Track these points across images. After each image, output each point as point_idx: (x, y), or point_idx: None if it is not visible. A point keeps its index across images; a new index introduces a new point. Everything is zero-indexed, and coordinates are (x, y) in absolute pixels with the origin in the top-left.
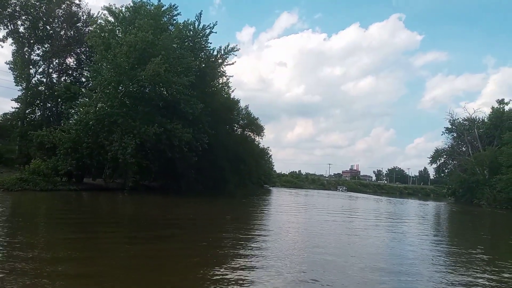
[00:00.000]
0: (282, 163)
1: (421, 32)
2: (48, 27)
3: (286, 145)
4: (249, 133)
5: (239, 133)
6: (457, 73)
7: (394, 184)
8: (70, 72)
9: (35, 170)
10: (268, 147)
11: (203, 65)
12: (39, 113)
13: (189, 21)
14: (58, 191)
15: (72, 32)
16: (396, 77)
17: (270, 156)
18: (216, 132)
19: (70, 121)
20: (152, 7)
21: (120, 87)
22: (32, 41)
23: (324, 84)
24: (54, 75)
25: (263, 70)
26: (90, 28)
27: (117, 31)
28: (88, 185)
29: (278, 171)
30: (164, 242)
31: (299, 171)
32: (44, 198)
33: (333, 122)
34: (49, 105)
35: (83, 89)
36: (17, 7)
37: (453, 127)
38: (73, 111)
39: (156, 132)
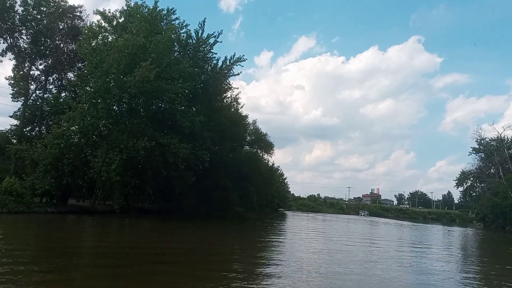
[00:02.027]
0: (300, 186)
1: (441, 55)
2: (49, 40)
3: (304, 168)
4: (257, 150)
5: (247, 150)
6: (479, 95)
7: (417, 209)
8: (71, 88)
9: (7, 189)
10: (279, 166)
11: (207, 77)
12: (37, 130)
13: (184, 23)
14: (32, 213)
15: (73, 46)
16: (416, 99)
17: (285, 178)
18: (221, 149)
19: (51, 134)
20: (146, 9)
21: (109, 97)
22: (33, 56)
23: (343, 106)
24: (54, 91)
25: (281, 93)
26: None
27: (110, 37)
28: (72, 207)
29: (296, 195)
30: None
31: (318, 194)
32: None
33: (352, 145)
34: (51, 122)
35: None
36: (17, 21)
37: (481, 147)
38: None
39: (146, 146)
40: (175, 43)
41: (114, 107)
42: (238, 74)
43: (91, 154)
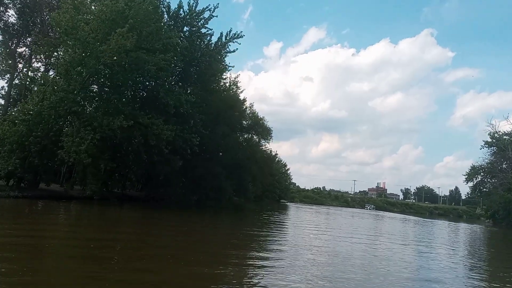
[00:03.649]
0: (306, 178)
1: (453, 49)
2: (36, 14)
3: (310, 161)
4: (254, 136)
5: (242, 136)
6: (490, 90)
7: (423, 204)
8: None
9: None
10: (277, 154)
11: (200, 54)
12: None
13: None
14: None
15: None
16: (426, 93)
17: (288, 168)
18: (214, 134)
19: (18, 110)
20: None
21: (84, 69)
22: (20, 31)
23: (351, 99)
24: (42, 69)
25: (289, 84)
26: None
27: (93, 6)
28: (42, 192)
29: (302, 187)
30: None
31: (323, 187)
32: None
33: (359, 138)
34: None
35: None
36: None
37: (493, 141)
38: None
39: (123, 125)
40: (164, 14)
41: (89, 81)
42: (234, 51)
43: (63, 133)
